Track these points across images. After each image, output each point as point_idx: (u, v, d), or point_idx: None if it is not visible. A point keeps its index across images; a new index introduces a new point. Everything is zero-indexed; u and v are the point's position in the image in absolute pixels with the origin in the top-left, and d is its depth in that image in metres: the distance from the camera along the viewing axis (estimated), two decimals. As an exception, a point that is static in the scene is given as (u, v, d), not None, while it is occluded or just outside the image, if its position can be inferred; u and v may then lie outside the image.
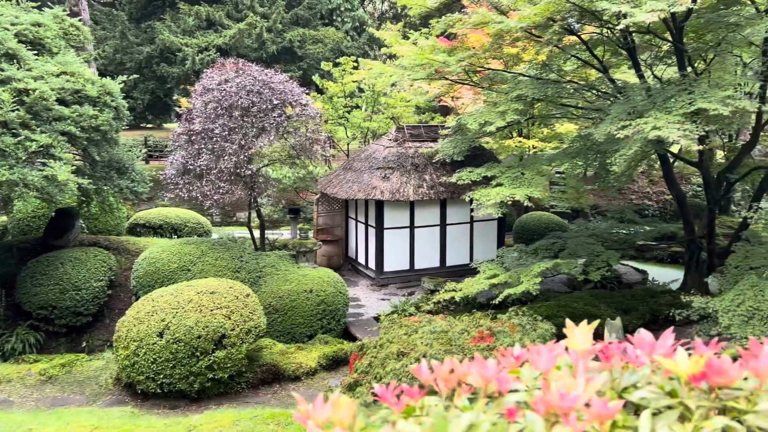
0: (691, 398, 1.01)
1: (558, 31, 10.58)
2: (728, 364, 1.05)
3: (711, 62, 11.71)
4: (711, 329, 8.42)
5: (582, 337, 1.25)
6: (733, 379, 1.04)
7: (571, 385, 1.10)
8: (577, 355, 1.19)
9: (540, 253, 11.72)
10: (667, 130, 7.86)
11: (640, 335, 1.23)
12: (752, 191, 12.48)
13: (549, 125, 15.79)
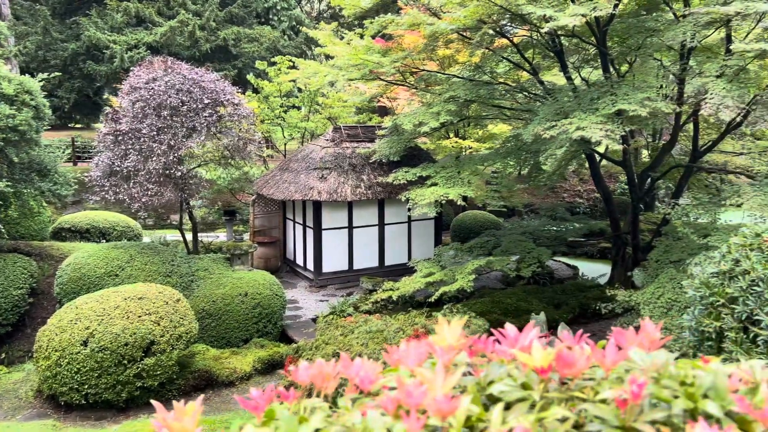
0: (539, 390, 1.03)
1: (488, 33, 10.81)
2: (578, 356, 1.09)
3: (634, 65, 12.25)
4: (634, 321, 8.79)
5: (450, 333, 1.26)
6: (580, 369, 1.07)
7: (430, 381, 1.11)
8: (440, 351, 1.21)
9: (475, 251, 11.95)
10: (590, 131, 8.15)
11: (505, 329, 1.26)
12: (674, 188, 13.11)
13: (483, 126, 16.12)
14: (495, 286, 13.07)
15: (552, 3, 8.71)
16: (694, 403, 0.90)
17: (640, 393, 0.90)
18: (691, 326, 4.02)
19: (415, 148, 13.80)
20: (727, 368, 1.16)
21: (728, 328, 3.63)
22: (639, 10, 11.78)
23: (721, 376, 0.95)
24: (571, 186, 19.20)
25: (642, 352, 1.13)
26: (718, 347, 3.72)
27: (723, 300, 3.75)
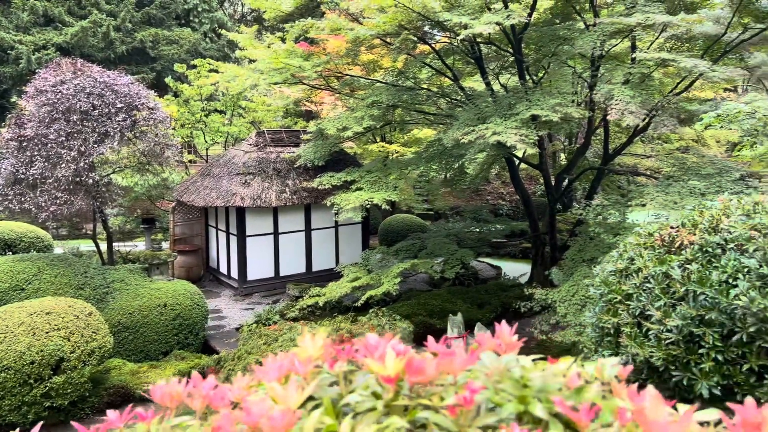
0: (386, 399, 1.04)
1: (409, 39, 10.97)
2: (428, 362, 1.10)
3: (549, 72, 12.74)
4: (551, 318, 9.13)
5: (312, 344, 1.25)
6: (430, 376, 1.08)
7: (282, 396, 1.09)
8: (299, 364, 1.19)
9: (401, 254, 12.06)
10: (505, 135, 8.41)
11: (366, 338, 1.26)
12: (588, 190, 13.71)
13: (409, 131, 16.31)
14: (422, 288, 13.23)
15: (468, 11, 8.93)
16: (525, 406, 0.93)
17: (471, 398, 0.92)
18: (592, 323, 4.21)
19: (341, 153, 13.79)
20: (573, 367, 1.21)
21: (624, 323, 3.82)
22: (553, 19, 12.28)
23: (551, 377, 0.98)
24: (495, 189, 19.75)
25: (493, 355, 1.16)
26: (616, 342, 3.91)
27: (620, 297, 3.94)
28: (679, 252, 3.81)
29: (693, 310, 3.42)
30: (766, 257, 3.45)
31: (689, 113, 19.41)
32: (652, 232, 4.16)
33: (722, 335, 3.32)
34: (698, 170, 9.94)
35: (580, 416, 0.85)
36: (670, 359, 3.48)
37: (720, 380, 3.28)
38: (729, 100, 22.15)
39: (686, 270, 3.62)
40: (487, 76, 11.78)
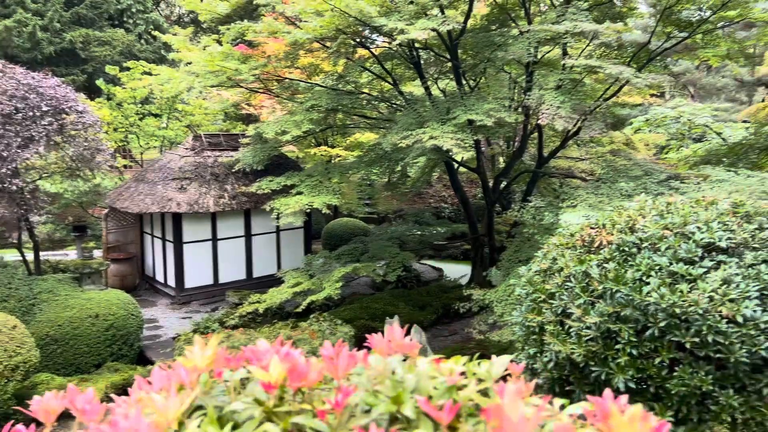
0: (267, 406, 1.03)
1: (348, 43, 10.99)
2: (312, 367, 1.10)
3: (487, 78, 13.03)
4: (488, 318, 9.31)
5: (199, 353, 1.23)
6: (312, 381, 1.08)
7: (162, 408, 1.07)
8: (184, 373, 1.17)
9: (343, 258, 12.03)
10: (442, 140, 8.54)
11: (255, 345, 1.25)
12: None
13: (351, 134, 16.33)
14: (365, 292, 13.24)
15: (404, 17, 9.03)
16: (398, 406, 0.95)
17: (343, 402, 0.93)
18: (519, 322, 4.32)
19: (282, 157, 13.66)
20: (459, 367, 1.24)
21: (547, 321, 3.94)
22: (489, 26, 12.56)
23: (424, 377, 1.00)
24: (437, 192, 20.02)
25: (380, 357, 1.17)
26: (540, 340, 4.02)
27: (544, 296, 4.07)
28: (598, 252, 3.96)
29: (610, 307, 3.56)
30: (676, 255, 3.63)
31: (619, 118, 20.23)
32: (574, 232, 4.31)
33: (637, 330, 3.48)
34: (626, 172, 10.38)
35: (441, 414, 0.87)
36: (589, 355, 3.61)
37: (635, 374, 3.43)
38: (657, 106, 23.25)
39: (604, 269, 3.77)
40: (426, 81, 11.93)
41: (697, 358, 3.34)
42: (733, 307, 3.28)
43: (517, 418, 0.83)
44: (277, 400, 1.09)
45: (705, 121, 20.12)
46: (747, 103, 25.44)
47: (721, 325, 3.25)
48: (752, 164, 11.31)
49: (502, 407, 0.85)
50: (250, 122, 16.71)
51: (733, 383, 3.29)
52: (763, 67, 22.31)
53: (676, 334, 3.32)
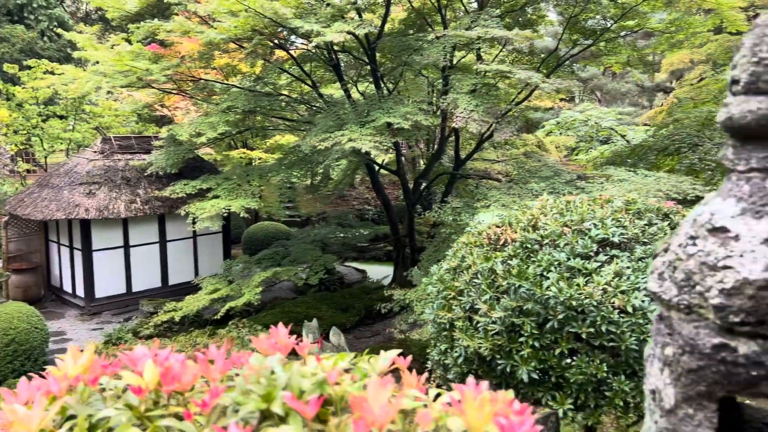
0: (137, 411, 1.01)
1: (266, 44, 10.86)
2: (186, 370, 1.09)
3: (406, 81, 13.23)
4: (409, 318, 9.45)
5: (72, 361, 1.18)
6: (186, 384, 1.07)
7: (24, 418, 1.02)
8: (53, 382, 1.12)
9: (264, 263, 11.84)
10: (360, 142, 8.60)
11: (133, 350, 1.22)
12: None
13: (271, 136, 16.11)
14: (287, 296, 13.10)
15: (320, 19, 9.02)
16: (268, 403, 0.96)
17: (210, 402, 0.93)
18: (431, 319, 4.42)
19: (198, 160, 13.28)
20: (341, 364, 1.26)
21: (457, 318, 4.05)
22: (406, 30, 12.77)
23: (296, 375, 1.02)
24: (360, 194, 20.11)
25: (260, 357, 1.18)
26: (451, 336, 4.14)
27: (453, 293, 4.19)
28: (503, 249, 4.13)
29: (514, 302, 3.72)
30: (573, 251, 3.84)
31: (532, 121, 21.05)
32: (481, 231, 4.46)
33: (538, 323, 3.65)
34: (537, 173, 10.84)
35: (306, 408, 0.89)
36: (495, 349, 3.75)
37: (537, 365, 3.60)
38: (566, 109, 24.40)
39: (508, 265, 3.93)
40: (346, 84, 11.96)
41: (593, 347, 3.55)
42: (624, 298, 3.51)
43: (379, 408, 0.87)
44: (152, 405, 1.07)
45: (610, 124, 21.34)
46: (648, 107, 27.19)
47: (614, 315, 3.47)
48: (651, 164, 12.08)
49: (365, 398, 0.87)
50: (165, 124, 16.14)
51: (625, 369, 3.52)
52: (661, 73, 23.92)
53: (574, 325, 3.51)
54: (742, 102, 1.01)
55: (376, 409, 0.86)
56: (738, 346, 0.98)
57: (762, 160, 1.02)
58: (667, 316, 1.11)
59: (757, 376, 0.97)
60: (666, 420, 1.08)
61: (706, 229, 1.04)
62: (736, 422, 1.21)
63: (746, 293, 0.96)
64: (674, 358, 1.06)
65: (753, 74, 1.00)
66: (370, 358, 1.39)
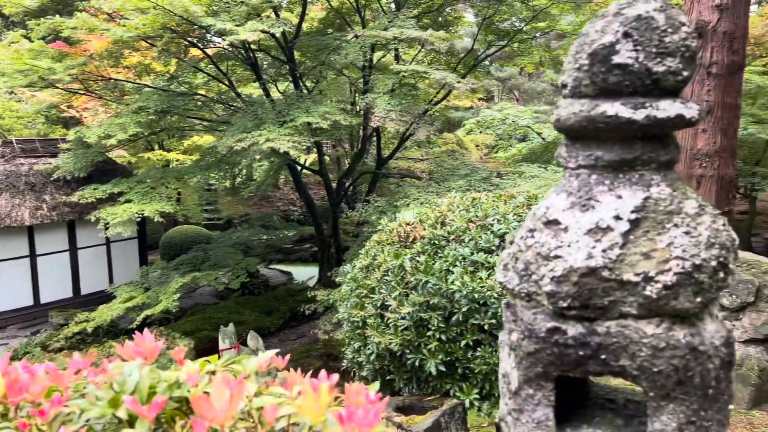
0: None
1: (177, 42, 10.53)
2: (36, 380, 1.06)
3: (328, 81, 13.19)
4: (333, 318, 9.46)
5: None
6: (37, 393, 1.04)
7: None
8: None
9: (182, 268, 11.49)
10: (279, 142, 8.51)
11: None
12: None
13: (189, 137, 15.65)
14: (209, 302, 12.78)
15: (233, 17, 8.86)
16: (114, 408, 0.95)
17: (49, 410, 0.91)
18: (345, 318, 4.46)
19: (109, 162, 12.71)
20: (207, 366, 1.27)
21: (369, 315, 4.11)
22: (325, 30, 12.75)
23: (144, 379, 1.02)
24: (284, 194, 19.90)
25: (119, 364, 1.16)
26: (363, 334, 4.19)
27: (366, 291, 4.24)
28: (412, 246, 4.22)
29: (421, 297, 3.81)
30: (477, 245, 3.98)
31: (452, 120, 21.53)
32: (392, 229, 4.55)
33: (445, 317, 3.76)
34: (456, 171, 11.13)
35: (143, 410, 0.89)
36: (405, 344, 3.83)
37: (444, 357, 3.71)
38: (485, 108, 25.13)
39: (417, 262, 4.02)
40: (265, 83, 11.80)
41: (496, 338, 3.69)
42: (525, 289, 3.68)
43: (221, 406, 0.88)
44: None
45: (527, 122, 22.15)
46: (562, 106, 28.41)
47: (515, 306, 3.63)
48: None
49: (206, 397, 0.89)
50: (74, 125, 15.33)
51: (527, 357, 3.69)
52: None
53: (477, 317, 3.64)
54: (568, 104, 1.10)
55: (217, 407, 0.88)
56: (568, 329, 1.07)
57: (587, 157, 1.11)
58: (512, 304, 1.18)
59: (584, 355, 1.06)
60: (513, 401, 1.16)
61: (542, 222, 1.13)
62: (584, 399, 1.31)
63: (572, 280, 1.04)
64: (518, 342, 1.14)
65: (576, 79, 1.09)
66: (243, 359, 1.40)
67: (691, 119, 1.05)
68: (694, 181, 7.90)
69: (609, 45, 1.03)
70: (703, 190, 7.82)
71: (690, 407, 1.02)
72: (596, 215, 1.05)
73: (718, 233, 1.03)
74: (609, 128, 1.05)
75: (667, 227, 1.02)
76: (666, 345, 1.00)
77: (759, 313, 5.26)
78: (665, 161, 1.07)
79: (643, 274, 1.00)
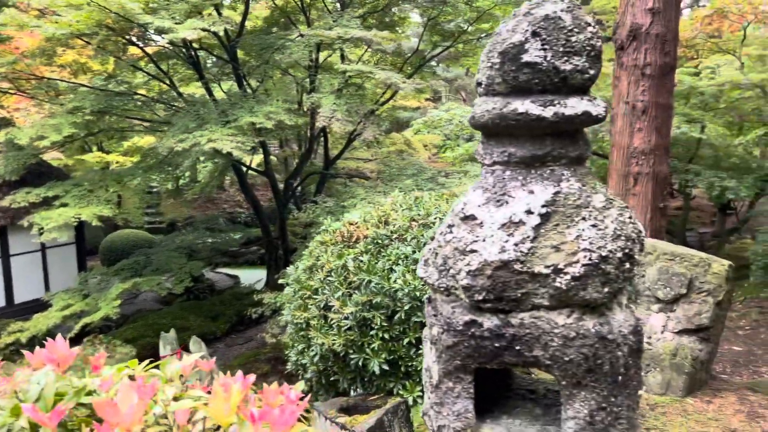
0: None
1: (115, 40, 10.20)
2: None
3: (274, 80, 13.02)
4: (280, 321, 9.35)
5: None
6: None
7: None
8: None
9: (123, 274, 11.13)
10: (221, 143, 8.35)
11: None
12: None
13: (130, 138, 15.17)
14: (153, 308, 12.43)
15: (173, 15, 8.64)
16: (16, 417, 0.91)
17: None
18: (289, 320, 4.42)
19: (43, 165, 12.17)
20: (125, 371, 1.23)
21: (312, 317, 4.08)
22: (270, 28, 12.59)
23: (49, 386, 0.98)
24: (231, 196, 19.56)
25: (27, 372, 1.12)
26: (307, 336, 4.16)
27: (309, 293, 4.21)
28: (356, 246, 4.22)
29: (364, 296, 3.82)
30: (419, 244, 4.01)
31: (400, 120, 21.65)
32: (335, 229, 4.53)
33: (387, 316, 3.77)
34: (403, 171, 11.21)
35: (44, 419, 0.86)
36: (348, 344, 3.83)
37: (387, 356, 3.72)
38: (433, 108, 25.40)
39: (360, 261, 4.02)
40: (207, 82, 11.56)
41: (438, 334, 3.73)
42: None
43: (127, 409, 0.86)
44: None
45: (473, 123, 22.50)
46: (507, 107, 29.00)
47: (456, 302, 3.68)
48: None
49: (111, 402, 0.86)
50: (4, 127, 14.61)
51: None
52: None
53: (419, 315, 3.67)
54: (483, 102, 1.12)
55: (124, 411, 0.85)
56: (484, 321, 1.09)
57: (501, 154, 1.13)
58: (433, 299, 1.20)
59: (500, 347, 1.08)
60: (435, 395, 1.17)
61: (459, 217, 1.14)
62: (507, 390, 1.34)
63: (486, 273, 1.07)
64: (438, 336, 1.15)
65: (489, 77, 1.11)
66: (165, 363, 1.36)
67: (598, 116, 1.08)
68: (632, 178, 8.19)
69: (518, 44, 1.06)
70: (639, 187, 8.13)
71: (600, 394, 1.06)
72: (509, 210, 1.08)
73: (624, 225, 1.08)
74: (520, 125, 1.08)
75: (576, 220, 1.05)
76: (576, 334, 1.04)
77: (691, 304, 5.51)
78: (575, 157, 1.10)
79: (553, 267, 1.03)
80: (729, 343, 7.82)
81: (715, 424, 4.30)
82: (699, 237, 15.51)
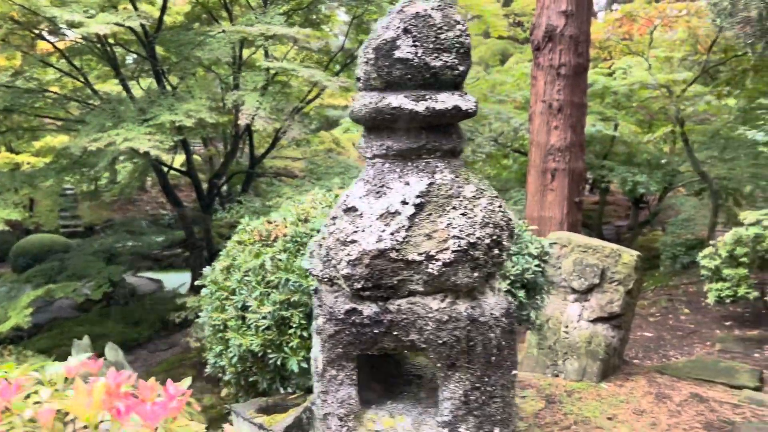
0: None
1: (21, 34, 9.67)
2: None
3: (196, 77, 12.67)
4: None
5: None
6: None
7: None
8: None
9: (35, 280, 10.56)
10: (138, 141, 8.06)
11: None
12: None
13: (42, 138, 14.37)
14: (70, 315, 11.84)
15: (84, 8, 8.24)
16: None
17: None
18: (206, 322, 4.33)
19: (-57, 167, 11.34)
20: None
21: (230, 318, 4.02)
22: (191, 24, 12.25)
23: None
24: (153, 197, 18.88)
25: None
26: (225, 337, 4.09)
27: (226, 293, 4.14)
28: (274, 244, 4.18)
29: (283, 295, 3.79)
30: (338, 241, 4.03)
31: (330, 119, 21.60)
32: (253, 229, 4.47)
33: (306, 314, 3.76)
34: (331, 170, 11.19)
35: None
36: (267, 344, 3.79)
37: (306, 354, 3.71)
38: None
39: (278, 260, 3.99)
40: (124, 79, 11.11)
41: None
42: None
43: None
44: None
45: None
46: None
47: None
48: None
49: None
50: None
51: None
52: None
53: (338, 311, 3.69)
54: (361, 97, 1.16)
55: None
56: (364, 309, 1.12)
57: (380, 147, 1.17)
58: (319, 290, 1.22)
59: (378, 333, 1.12)
60: (320, 383, 1.20)
61: (342, 209, 1.17)
62: (396, 376, 1.39)
63: (364, 262, 1.10)
64: (322, 326, 1.18)
65: (366, 72, 1.15)
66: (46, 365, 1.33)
67: (468, 111, 1.14)
68: (549, 174, 8.52)
69: (391, 40, 1.10)
70: (556, 183, 8.46)
71: (474, 374, 1.12)
72: (387, 201, 1.12)
73: (492, 214, 1.14)
74: (395, 119, 1.12)
75: (447, 210, 1.10)
76: (449, 318, 1.09)
77: (603, 293, 5.82)
78: (449, 149, 1.16)
79: (425, 254, 1.08)
80: (640, 329, 8.31)
81: (626, 406, 4.57)
82: (615, 230, 16.33)
